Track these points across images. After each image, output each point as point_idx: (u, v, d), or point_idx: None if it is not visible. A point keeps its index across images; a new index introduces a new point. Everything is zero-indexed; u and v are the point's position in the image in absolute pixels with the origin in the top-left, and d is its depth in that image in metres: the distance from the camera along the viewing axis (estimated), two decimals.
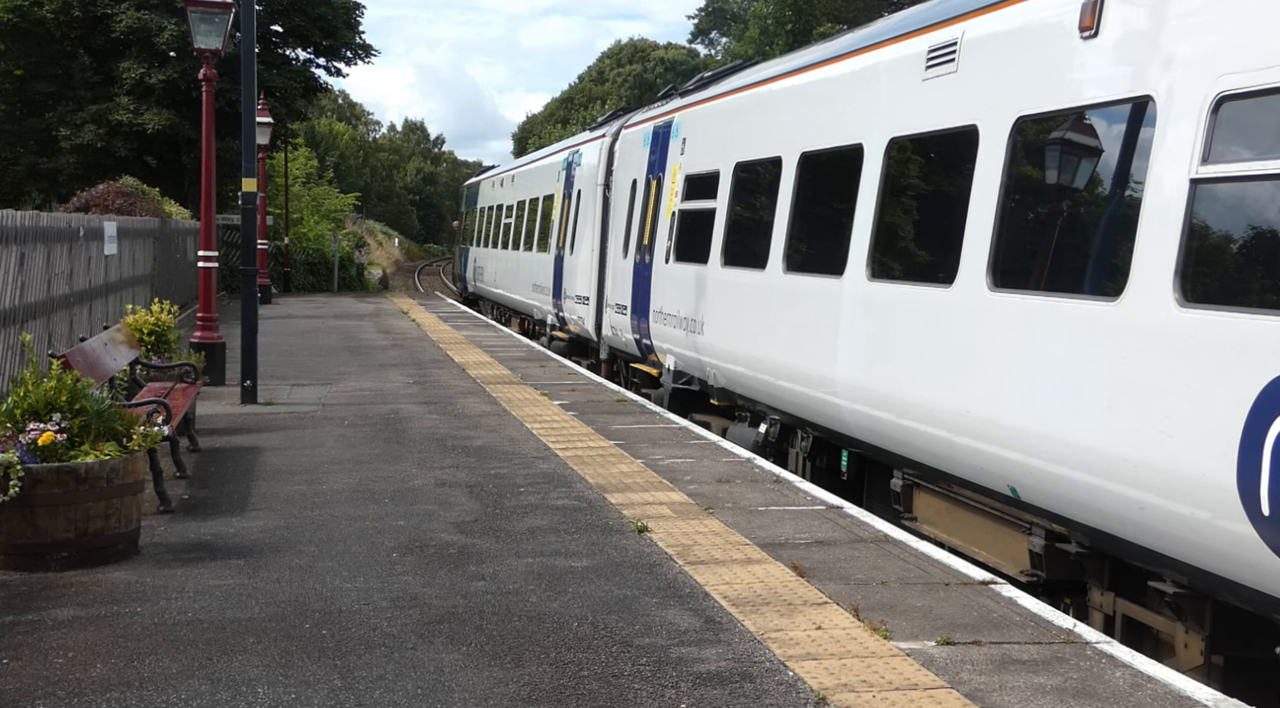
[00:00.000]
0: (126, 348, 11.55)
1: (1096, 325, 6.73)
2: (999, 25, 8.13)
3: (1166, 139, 6.37)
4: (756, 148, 12.44)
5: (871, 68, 9.97)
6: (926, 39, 9.01)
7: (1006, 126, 7.82)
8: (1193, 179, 6.16)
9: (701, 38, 77.24)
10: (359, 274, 45.26)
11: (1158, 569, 6.55)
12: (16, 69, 34.33)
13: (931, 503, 9.06)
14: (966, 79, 8.42)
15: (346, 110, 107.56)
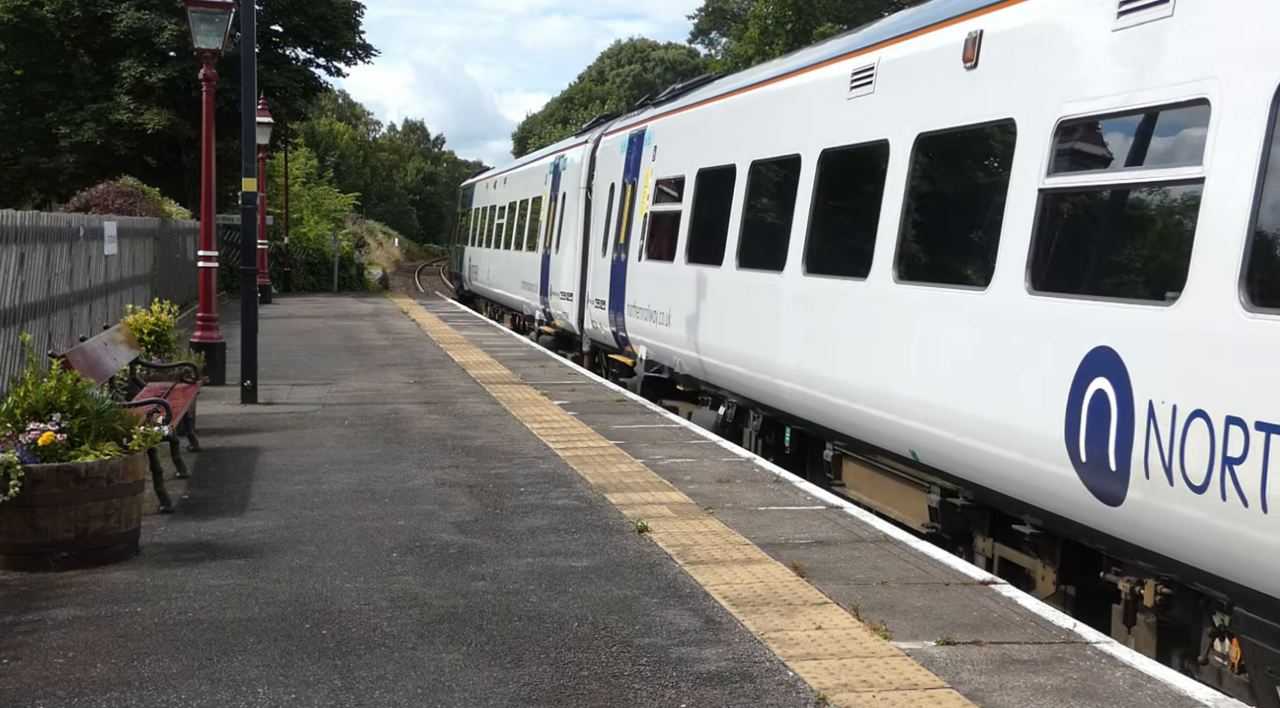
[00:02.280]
0: (126, 348, 11.55)
1: (971, 311, 8.01)
2: (906, 53, 9.43)
3: (1023, 155, 7.60)
4: (716, 156, 13.62)
5: (808, 87, 11.33)
6: (851, 63, 10.32)
7: (910, 142, 9.08)
8: (1040, 189, 7.43)
9: (701, 38, 77.18)
10: (359, 274, 45.25)
11: (1020, 515, 7.80)
12: (17, 69, 34.34)
13: (857, 471, 10.34)
14: (881, 100, 9.74)
15: (347, 110, 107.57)
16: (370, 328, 25.17)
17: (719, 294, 12.98)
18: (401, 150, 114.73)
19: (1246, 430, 5.55)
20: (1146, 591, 6.80)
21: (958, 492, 8.53)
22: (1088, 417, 6.67)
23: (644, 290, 15.81)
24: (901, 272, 9.08)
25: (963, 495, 8.49)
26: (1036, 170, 7.47)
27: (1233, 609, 6.08)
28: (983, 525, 8.45)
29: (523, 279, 26.47)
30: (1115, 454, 6.46)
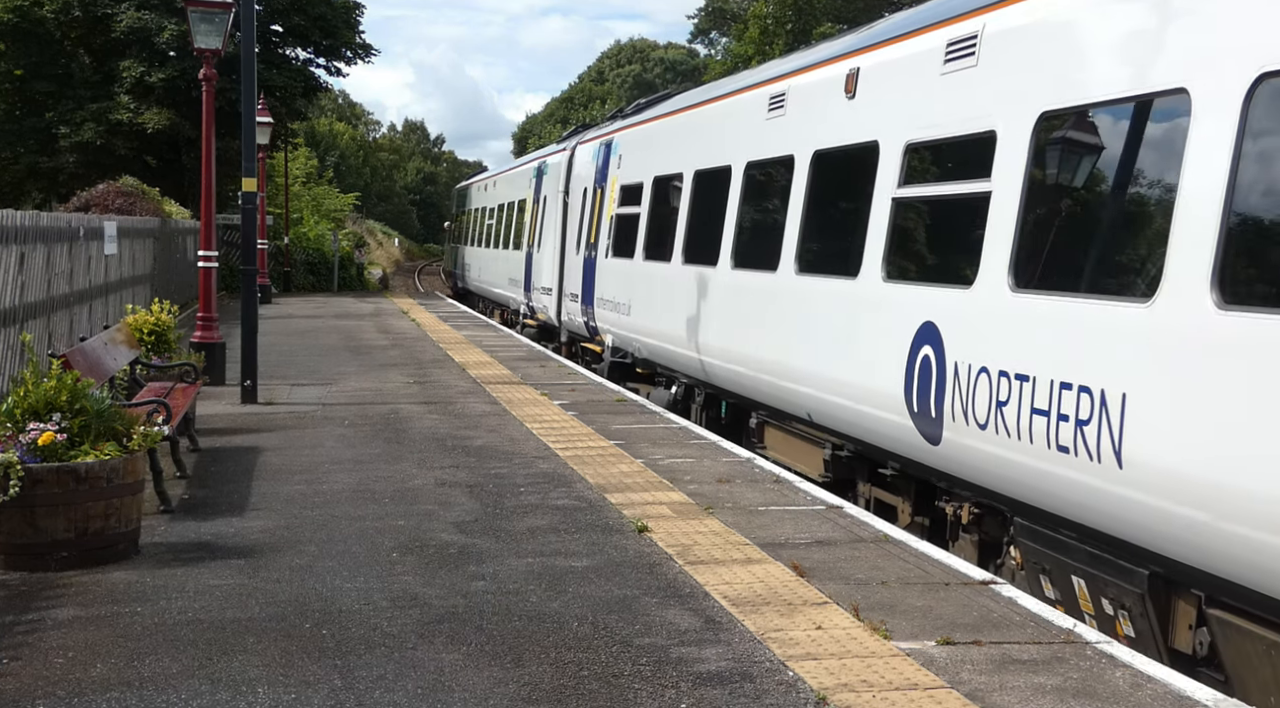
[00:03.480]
0: (126, 348, 11.55)
1: (845, 296, 9.95)
2: (807, 82, 11.40)
3: (883, 171, 9.48)
4: (668, 165, 15.56)
5: (738, 108, 13.18)
6: (769, 89, 12.21)
7: (809, 158, 11.01)
8: (893, 197, 9.33)
9: (701, 38, 77.04)
10: (359, 274, 45.25)
11: (886, 462, 9.54)
12: (17, 69, 34.34)
13: (774, 434, 12.19)
14: (791, 121, 11.64)
15: (347, 110, 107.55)
16: (370, 328, 25.17)
17: (668, 287, 14.82)
18: (401, 150, 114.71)
19: (1009, 379, 7.55)
20: (964, 512, 8.63)
21: (843, 446, 10.41)
22: (918, 377, 8.59)
23: (610, 285, 17.77)
24: (800, 265, 11.05)
25: (847, 448, 10.38)
26: (892, 183, 9.37)
27: (1013, 520, 7.92)
28: (863, 473, 10.31)
29: (509, 276, 28.39)
30: (934, 404, 8.36)
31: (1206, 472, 5.90)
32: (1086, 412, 6.76)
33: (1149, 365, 6.33)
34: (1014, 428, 7.41)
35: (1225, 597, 6.04)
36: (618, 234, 17.52)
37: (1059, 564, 7.43)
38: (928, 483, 9.07)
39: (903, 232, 9.33)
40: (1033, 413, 7.24)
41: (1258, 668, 5.95)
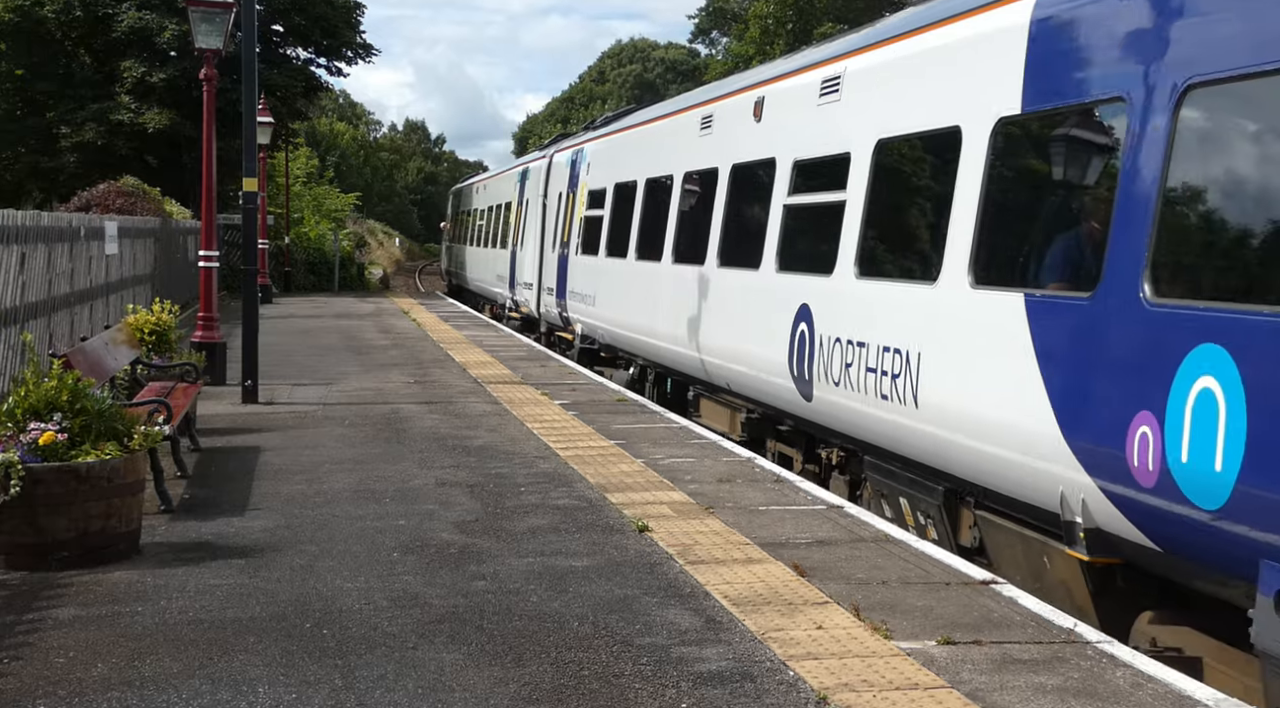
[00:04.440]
0: (127, 348, 11.56)
1: (750, 285, 11.99)
2: (730, 106, 13.45)
3: (778, 183, 11.54)
4: (626, 173, 17.66)
5: (678, 125, 15.54)
6: (700, 112, 14.55)
7: (729, 170, 13.16)
8: (784, 204, 11.42)
9: (702, 38, 77.03)
10: (359, 274, 45.24)
11: (783, 420, 11.72)
12: (17, 69, 34.34)
13: (706, 405, 14.43)
14: (716, 138, 13.76)
15: (347, 110, 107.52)
16: (371, 328, 25.17)
17: (624, 280, 17.07)
18: (402, 150, 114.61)
19: (854, 346, 9.54)
20: (834, 456, 10.82)
21: (754, 409, 12.51)
22: (797, 348, 10.59)
23: (579, 279, 19.94)
24: (721, 260, 13.03)
25: (755, 412, 12.46)
26: (784, 192, 11.41)
27: (864, 458, 9.91)
28: (769, 431, 12.33)
29: (497, 273, 30.66)
30: (807, 369, 10.38)
31: (962, 405, 7.99)
32: (899, 367, 8.83)
33: (933, 331, 8.47)
34: (857, 384, 9.50)
35: (987, 501, 8.09)
36: (586, 234, 19.72)
37: (891, 489, 9.46)
38: (812, 435, 11.26)
39: (789, 231, 11.44)
40: (867, 371, 9.34)
41: (1006, 550, 8.03)
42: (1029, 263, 7.83)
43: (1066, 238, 7.51)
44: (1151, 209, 6.40)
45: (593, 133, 21.69)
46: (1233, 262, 6.27)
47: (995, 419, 7.58)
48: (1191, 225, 6.54)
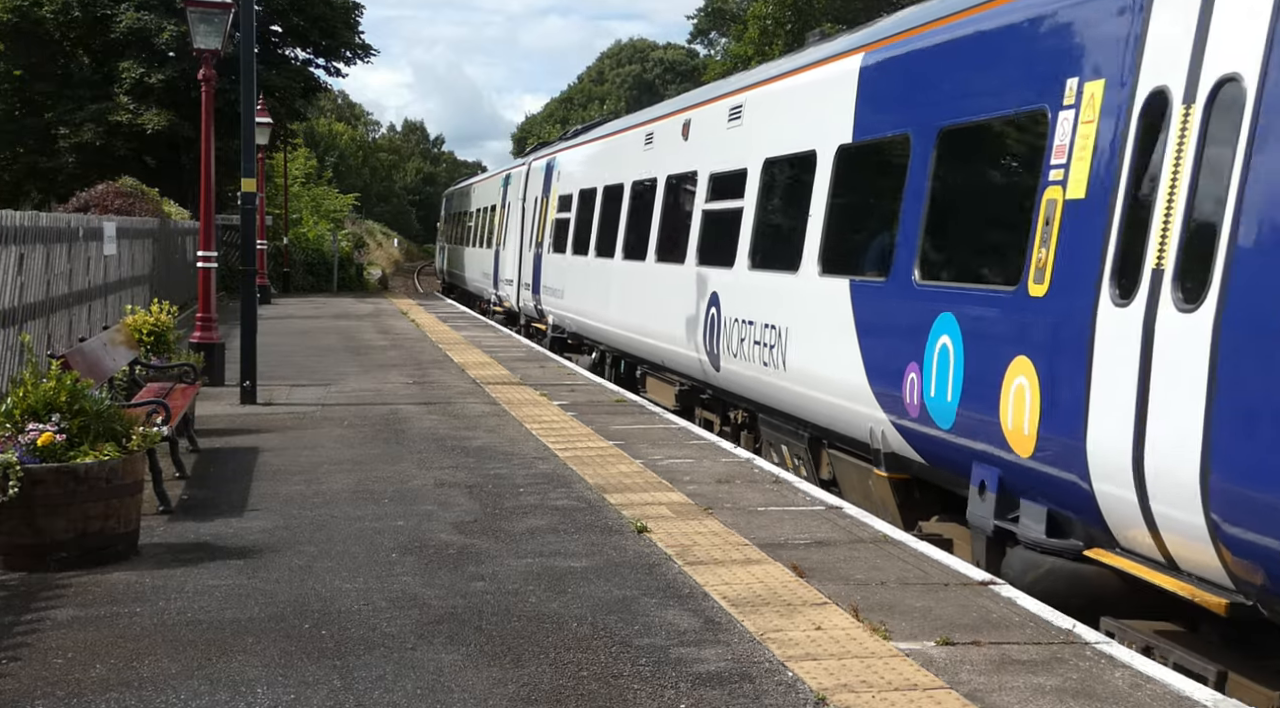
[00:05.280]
0: (126, 348, 11.55)
1: (677, 277, 14.19)
2: (666, 126, 15.90)
3: (700, 191, 13.91)
4: (588, 181, 20.12)
5: (628, 140, 17.95)
6: (645, 129, 17.03)
7: (664, 179, 15.53)
8: (703, 210, 13.73)
9: (701, 38, 77.00)
10: (358, 274, 45.23)
11: (705, 391, 13.95)
12: (16, 69, 34.32)
13: (650, 381, 16.62)
14: (656, 153, 16.18)
15: (346, 110, 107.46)
16: (369, 328, 25.17)
17: (585, 275, 19.39)
18: (401, 151, 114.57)
19: (747, 324, 11.78)
20: (740, 417, 13.06)
21: (685, 383, 14.73)
22: (709, 328, 12.91)
23: (550, 275, 22.29)
24: (657, 257, 15.37)
25: (686, 384, 14.74)
26: (703, 199, 13.75)
27: (758, 416, 12.21)
28: (697, 400, 14.55)
29: (483, 271, 33.02)
30: (716, 344, 12.68)
31: (814, 367, 10.36)
32: (775, 340, 11.14)
33: (795, 310, 10.81)
34: (749, 354, 11.78)
35: (836, 443, 10.38)
36: (556, 235, 22.08)
37: (776, 439, 11.77)
38: (724, 400, 13.44)
39: (706, 232, 13.64)
40: (755, 344, 11.61)
41: (847, 479, 10.30)
42: (853, 256, 10.24)
43: (875, 236, 9.89)
44: (921, 216, 8.79)
45: (565, 143, 24.14)
46: (961, 255, 8.80)
47: (833, 377, 9.94)
48: (942, 228, 8.80)
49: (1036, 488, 7.31)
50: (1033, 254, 7.37)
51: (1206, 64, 6.22)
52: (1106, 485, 6.62)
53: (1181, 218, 6.24)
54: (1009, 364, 7.43)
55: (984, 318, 7.82)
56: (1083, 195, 7.05)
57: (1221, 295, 5.83)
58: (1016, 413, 7.35)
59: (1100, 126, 6.98)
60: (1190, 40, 6.35)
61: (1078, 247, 7.01)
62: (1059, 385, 6.99)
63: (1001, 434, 7.50)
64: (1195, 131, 6.24)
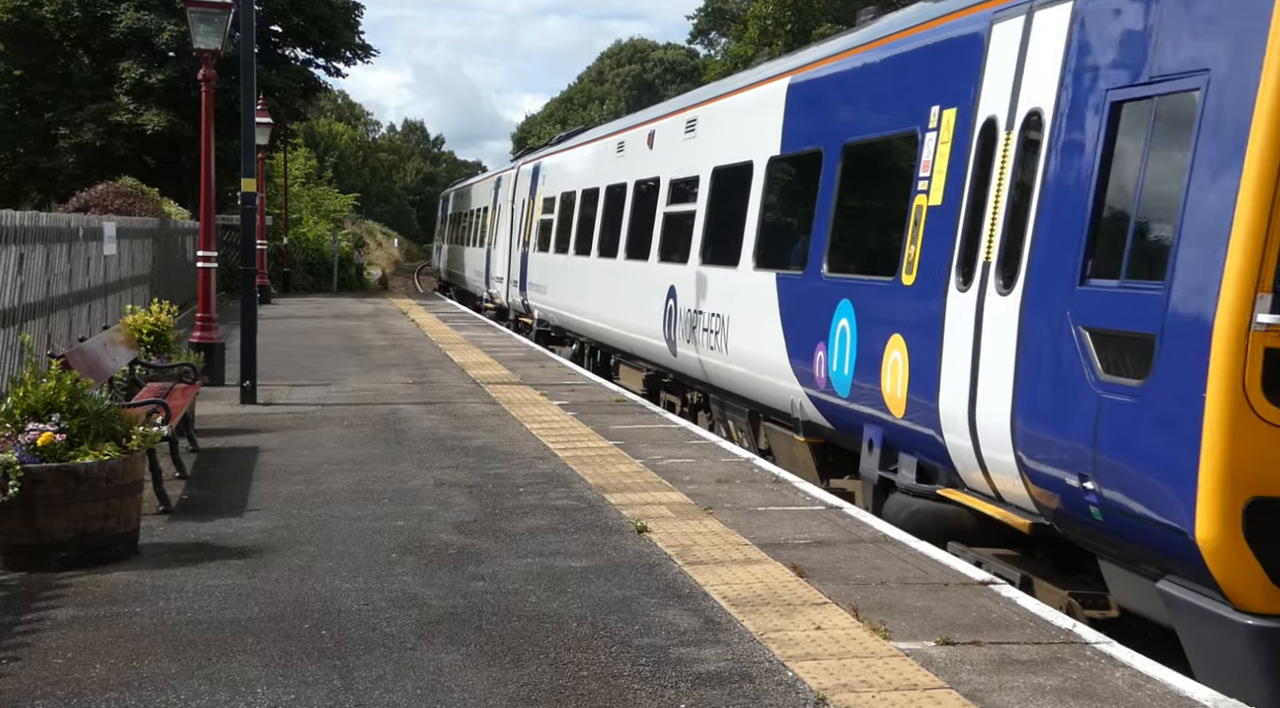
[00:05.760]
0: (126, 348, 11.55)
1: (642, 272, 15.67)
2: (635, 136, 17.38)
3: (662, 196, 15.31)
4: (569, 184, 21.71)
5: (604, 148, 19.63)
6: (618, 138, 18.58)
7: (633, 184, 16.95)
8: (664, 212, 15.20)
9: (701, 38, 77.01)
10: (358, 274, 45.23)
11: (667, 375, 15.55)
12: (16, 69, 34.31)
13: (623, 369, 17.98)
14: (626, 160, 17.71)
15: (346, 110, 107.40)
16: (369, 328, 25.17)
17: (566, 272, 20.96)
18: (401, 151, 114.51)
19: (698, 313, 13.22)
20: (696, 397, 14.62)
21: (650, 369, 16.26)
22: (667, 318, 14.36)
23: (536, 272, 24.05)
24: (627, 254, 16.77)
25: (651, 370, 16.26)
26: (664, 203, 15.23)
27: (710, 395, 13.84)
28: (661, 384, 16.05)
29: (475, 269, 34.83)
30: (673, 332, 14.08)
31: (750, 350, 11.73)
32: (720, 327, 12.55)
33: (736, 300, 12.23)
34: (700, 341, 13.23)
35: (770, 416, 11.80)
36: (540, 234, 23.83)
37: (724, 416, 13.43)
38: (681, 383, 15.05)
39: (666, 232, 15.09)
40: (704, 331, 13.07)
41: (778, 446, 11.68)
42: (779, 252, 11.59)
43: (796, 235, 11.35)
44: (829, 218, 10.37)
45: (550, 149, 25.91)
46: (857, 250, 10.36)
47: (764, 358, 11.37)
48: (844, 228, 10.41)
49: (908, 443, 8.83)
50: (906, 250, 8.88)
51: (1021, 99, 7.75)
52: (953, 436, 8.07)
53: (1003, 221, 7.73)
54: (888, 341, 8.99)
55: (871, 303, 9.42)
56: (940, 202, 8.54)
57: (1025, 283, 7.34)
58: (893, 381, 8.88)
59: (952, 146, 8.46)
60: (1011, 80, 7.87)
61: (935, 244, 8.49)
62: (921, 357, 8.49)
63: (883, 399, 9.00)
64: (1013, 152, 7.77)
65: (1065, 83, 7.28)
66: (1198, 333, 5.93)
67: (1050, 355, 6.99)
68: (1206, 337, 5.88)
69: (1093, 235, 6.86)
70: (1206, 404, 5.84)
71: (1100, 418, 6.54)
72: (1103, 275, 6.73)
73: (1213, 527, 5.83)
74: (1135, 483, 6.34)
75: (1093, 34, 7.12)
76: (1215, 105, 6.07)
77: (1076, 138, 7.15)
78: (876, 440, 9.24)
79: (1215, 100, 6.07)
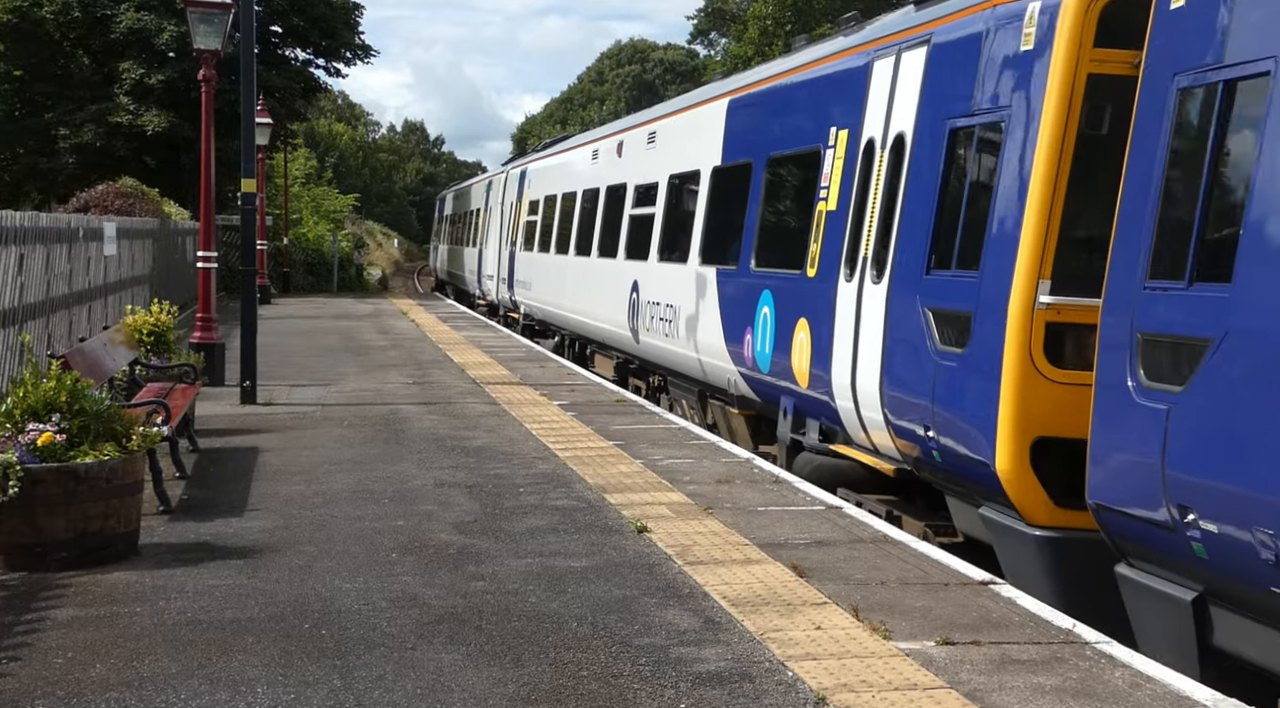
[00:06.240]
0: (126, 348, 11.55)
1: (612, 269, 17.28)
2: (606, 145, 19.39)
3: (629, 199, 17.00)
4: (550, 188, 23.74)
5: (581, 155, 21.70)
6: (593, 147, 20.63)
7: (605, 188, 18.65)
8: (629, 215, 16.84)
9: (701, 38, 76.91)
10: (358, 275, 45.22)
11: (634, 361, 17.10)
12: (16, 69, 34.30)
13: (598, 358, 19.69)
14: (600, 167, 19.63)
15: (346, 111, 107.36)
16: (369, 328, 25.17)
17: (547, 269, 22.98)
18: (401, 151, 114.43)
19: (655, 304, 14.84)
20: (657, 380, 16.20)
21: (620, 356, 17.79)
22: (631, 309, 15.98)
23: (521, 270, 26.05)
24: (599, 253, 18.49)
25: (621, 358, 17.80)
26: (630, 206, 16.99)
27: (667, 378, 15.46)
28: (629, 370, 17.63)
29: (468, 268, 36.68)
30: (636, 321, 15.74)
31: (696, 336, 13.33)
32: (673, 316, 14.30)
33: (685, 292, 13.86)
34: (658, 328, 14.92)
35: (715, 395, 13.47)
36: (525, 235, 25.83)
37: (679, 396, 15.10)
38: (644, 368, 16.62)
39: (631, 232, 16.76)
40: (660, 319, 14.79)
41: (721, 421, 13.42)
42: (719, 250, 13.33)
43: (731, 235, 12.89)
44: (756, 219, 12.23)
45: (535, 155, 28.39)
46: (777, 248, 11.86)
47: (707, 343, 13.07)
48: (767, 229, 12.17)
49: (813, 409, 10.58)
50: (810, 247, 10.67)
51: (891, 124, 9.46)
52: (842, 402, 9.75)
53: (877, 224, 9.48)
54: (796, 324, 10.76)
55: (785, 293, 11.11)
56: (835, 208, 10.32)
57: (891, 274, 9.06)
58: (800, 358, 10.64)
59: (844, 162, 10.27)
60: (885, 108, 9.59)
61: (831, 242, 10.27)
62: (819, 338, 10.25)
63: (793, 374, 10.77)
64: (885, 168, 9.46)
65: (920, 112, 8.99)
66: (998, 310, 7.59)
67: (906, 332, 8.75)
68: (1004, 312, 7.52)
69: (935, 235, 8.57)
70: (1003, 365, 7.46)
71: (936, 380, 8.26)
72: (940, 267, 8.48)
73: (1008, 460, 7.46)
74: (958, 430, 8.00)
75: (940, 73, 8.85)
76: (1012, 137, 7.82)
77: (925, 157, 8.85)
78: (789, 408, 11.03)
79: (1011, 133, 7.83)
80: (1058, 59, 7.52)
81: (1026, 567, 7.52)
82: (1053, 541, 7.35)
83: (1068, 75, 7.46)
